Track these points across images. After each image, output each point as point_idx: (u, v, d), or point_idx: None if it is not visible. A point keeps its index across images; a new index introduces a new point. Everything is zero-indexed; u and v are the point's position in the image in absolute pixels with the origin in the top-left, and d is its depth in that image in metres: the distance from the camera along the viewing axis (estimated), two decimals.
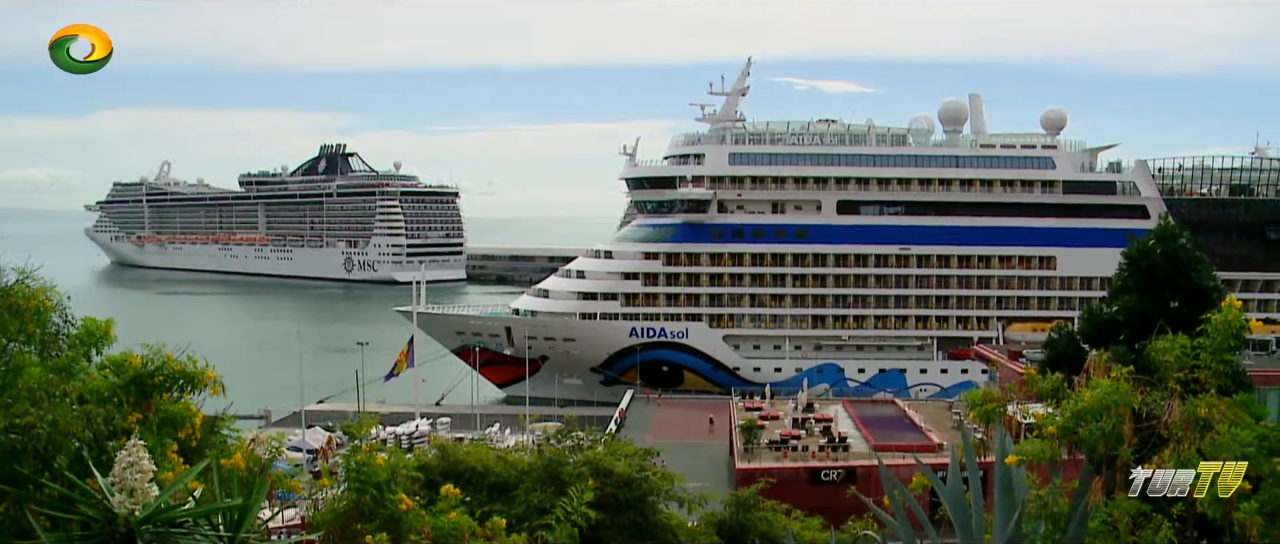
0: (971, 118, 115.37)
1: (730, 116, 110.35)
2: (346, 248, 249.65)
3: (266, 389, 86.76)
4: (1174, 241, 31.56)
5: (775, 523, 18.77)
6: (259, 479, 6.66)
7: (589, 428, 24.00)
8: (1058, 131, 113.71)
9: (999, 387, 11.69)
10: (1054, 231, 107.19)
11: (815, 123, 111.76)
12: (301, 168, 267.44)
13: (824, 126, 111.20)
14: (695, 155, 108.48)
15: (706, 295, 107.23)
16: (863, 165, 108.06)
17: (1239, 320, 10.03)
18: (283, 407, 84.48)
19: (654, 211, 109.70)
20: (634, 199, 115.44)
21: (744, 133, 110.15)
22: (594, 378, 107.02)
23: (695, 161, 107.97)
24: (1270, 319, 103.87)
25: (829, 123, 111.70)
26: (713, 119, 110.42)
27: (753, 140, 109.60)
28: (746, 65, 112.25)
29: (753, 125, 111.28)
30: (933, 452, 57.77)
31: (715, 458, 68.78)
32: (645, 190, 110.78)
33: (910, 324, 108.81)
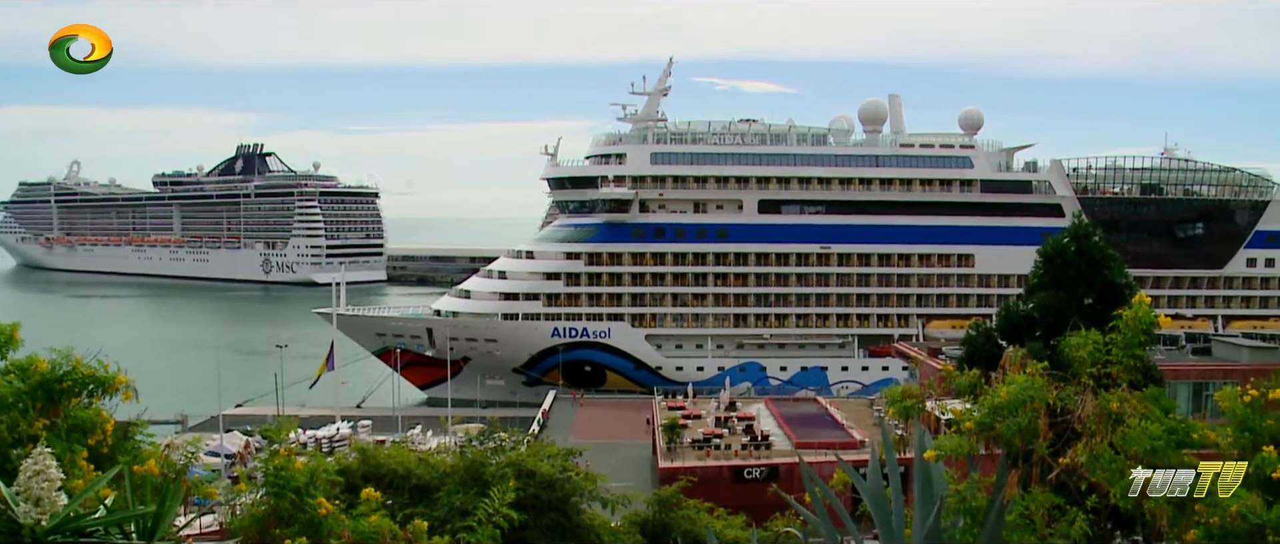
0: (891, 118, 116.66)
1: (652, 116, 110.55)
2: (265, 249, 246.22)
3: (183, 393, 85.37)
4: (1087, 240, 32.02)
5: (698, 522, 18.79)
6: (173, 485, 6.53)
7: (512, 429, 23.93)
8: (975, 131, 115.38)
9: (919, 383, 11.80)
10: (972, 230, 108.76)
11: (736, 122, 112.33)
12: (218, 168, 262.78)
13: (745, 126, 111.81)
14: (617, 155, 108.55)
15: (629, 295, 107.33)
16: (783, 165, 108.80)
17: (1148, 316, 10.21)
18: (200, 411, 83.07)
19: (576, 211, 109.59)
20: (555, 199, 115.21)
21: (665, 133, 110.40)
22: (516, 378, 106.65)
23: (617, 161, 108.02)
24: (1179, 315, 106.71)
25: (750, 122, 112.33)
26: (634, 119, 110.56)
27: (674, 140, 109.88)
28: (668, 65, 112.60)
29: (674, 125, 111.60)
30: (855, 448, 58.20)
31: (638, 457, 68.78)
32: (567, 190, 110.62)
33: (831, 322, 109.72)
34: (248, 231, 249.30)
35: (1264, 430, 9.74)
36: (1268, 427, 9.77)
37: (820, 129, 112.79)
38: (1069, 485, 9.48)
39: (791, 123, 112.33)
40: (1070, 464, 9.21)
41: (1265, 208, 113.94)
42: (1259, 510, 8.36)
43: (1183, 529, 8.94)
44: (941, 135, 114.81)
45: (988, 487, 9.07)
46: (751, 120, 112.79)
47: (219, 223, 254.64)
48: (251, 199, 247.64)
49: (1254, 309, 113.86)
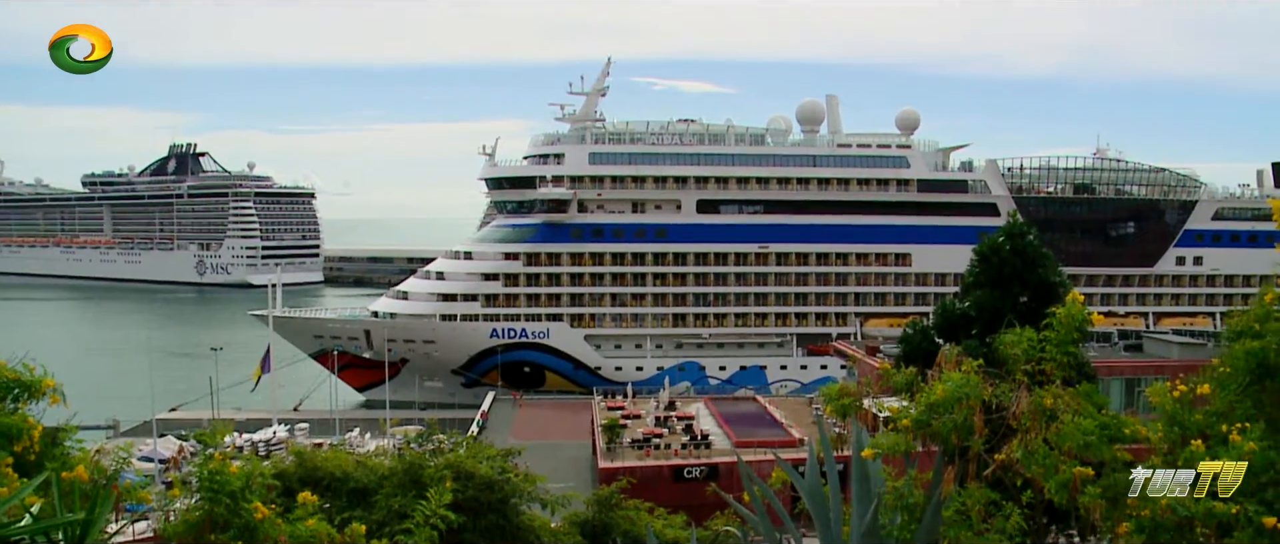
0: (828, 118, 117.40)
1: (590, 116, 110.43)
2: (199, 250, 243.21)
3: (115, 398, 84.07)
4: (1022, 239, 32.40)
5: (638, 521, 18.79)
6: (104, 492, 6.42)
7: (450, 430, 23.77)
8: (912, 132, 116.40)
9: (857, 382, 11.87)
10: (909, 229, 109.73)
11: (674, 122, 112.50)
12: (150, 168, 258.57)
13: (683, 126, 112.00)
14: (555, 155, 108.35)
15: (567, 295, 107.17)
16: (722, 165, 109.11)
17: (1081, 314, 10.34)
18: (132, 416, 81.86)
19: (514, 212, 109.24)
20: (494, 199, 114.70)
21: (604, 133, 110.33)
22: (455, 380, 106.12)
23: (555, 161, 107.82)
24: (1112, 313, 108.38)
25: (688, 122, 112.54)
26: (572, 119, 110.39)
27: (612, 140, 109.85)
28: (606, 65, 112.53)
29: (612, 125, 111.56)
30: (793, 447, 58.52)
31: (578, 458, 68.75)
32: (505, 190, 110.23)
33: (770, 321, 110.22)
34: (181, 233, 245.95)
35: (1192, 425, 9.89)
36: (1196, 421, 9.91)
37: (758, 129, 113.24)
38: (1004, 481, 9.58)
39: (729, 123, 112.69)
40: (1005, 460, 9.30)
41: (1193, 207, 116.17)
42: (1188, 503, 8.48)
43: (1116, 523, 9.05)
44: (878, 135, 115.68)
45: (924, 483, 9.14)
46: (690, 120, 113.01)
47: (151, 224, 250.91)
48: (185, 200, 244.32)
49: (1183, 306, 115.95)
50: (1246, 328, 10.25)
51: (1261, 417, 9.82)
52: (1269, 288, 10.37)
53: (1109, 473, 9.18)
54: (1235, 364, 10.12)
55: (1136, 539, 8.82)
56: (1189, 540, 8.48)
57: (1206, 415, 10.02)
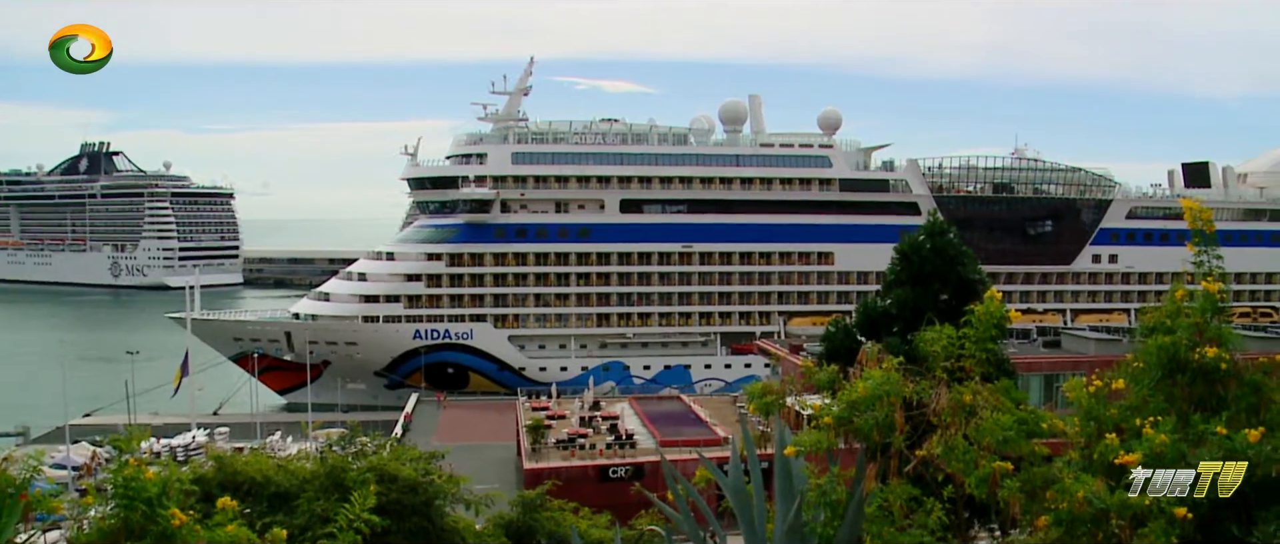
0: (751, 118, 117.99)
1: (512, 116, 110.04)
2: (113, 252, 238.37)
3: (25, 404, 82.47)
4: (942, 237, 32.76)
5: (563, 522, 18.77)
6: (11, 501, 6.27)
7: (374, 433, 23.59)
8: (834, 131, 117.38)
9: (780, 380, 11.94)
10: (831, 228, 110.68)
11: (597, 122, 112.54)
12: (60, 167, 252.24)
13: (606, 126, 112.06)
14: (478, 155, 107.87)
15: (491, 296, 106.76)
16: (645, 164, 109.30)
17: (999, 311, 10.48)
18: (43, 422, 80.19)
19: (437, 212, 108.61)
20: (416, 199, 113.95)
21: (527, 132, 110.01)
22: (378, 382, 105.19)
23: (478, 161, 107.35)
24: (1031, 310, 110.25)
25: (611, 122, 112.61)
26: (495, 118, 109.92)
27: (535, 140, 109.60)
28: (529, 64, 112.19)
29: (535, 125, 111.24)
30: (718, 445, 58.66)
31: (503, 459, 68.57)
32: (427, 190, 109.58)
33: (694, 321, 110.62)
34: (94, 233, 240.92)
35: (1107, 419, 10.06)
36: (1110, 416, 10.08)
37: (681, 129, 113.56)
38: (926, 477, 9.67)
39: (653, 122, 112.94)
40: (926, 456, 9.39)
41: (1108, 206, 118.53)
42: (1103, 496, 8.61)
43: (1034, 516, 9.17)
44: (801, 135, 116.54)
45: (847, 480, 9.20)
46: (613, 120, 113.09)
47: (62, 224, 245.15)
48: (98, 200, 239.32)
49: (1099, 303, 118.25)
50: (1159, 324, 10.45)
51: (1173, 410, 10.01)
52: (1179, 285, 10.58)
53: (1027, 467, 9.31)
54: (1148, 359, 10.32)
55: (1054, 532, 8.94)
56: (1105, 532, 8.61)
57: (1121, 409, 10.20)
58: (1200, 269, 10.55)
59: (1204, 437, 9.36)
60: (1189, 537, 8.79)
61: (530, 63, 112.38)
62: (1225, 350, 10.08)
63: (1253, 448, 9.00)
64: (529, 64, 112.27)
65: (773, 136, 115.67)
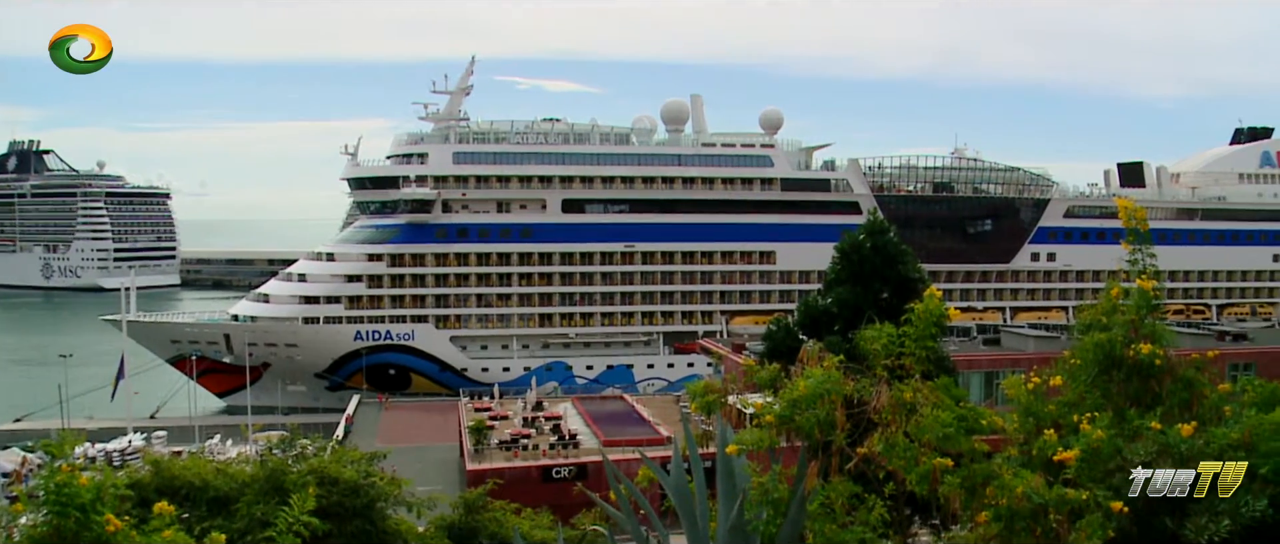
0: (693, 117, 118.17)
1: (454, 115, 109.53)
2: (45, 253, 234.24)
3: None
4: (882, 236, 32.99)
5: (505, 523, 18.73)
6: None
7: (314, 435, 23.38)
8: (775, 131, 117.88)
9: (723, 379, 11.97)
10: (773, 228, 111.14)
11: (539, 122, 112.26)
12: None
13: (548, 126, 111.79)
14: (419, 155, 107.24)
15: (432, 296, 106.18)
16: (587, 164, 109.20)
17: (939, 309, 10.57)
18: None
19: (377, 212, 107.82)
20: (357, 199, 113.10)
21: (468, 132, 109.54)
22: (319, 383, 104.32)
23: (419, 161, 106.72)
24: (971, 308, 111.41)
25: (553, 122, 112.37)
26: (436, 118, 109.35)
27: (477, 140, 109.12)
28: (470, 64, 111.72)
29: (477, 124, 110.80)
30: (661, 445, 58.79)
31: (446, 460, 68.21)
32: (368, 190, 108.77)
33: (636, 320, 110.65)
34: (24, 234, 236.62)
35: (1045, 415, 10.17)
36: (1049, 412, 10.20)
37: (623, 128, 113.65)
38: (867, 474, 9.73)
39: (594, 122, 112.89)
40: (868, 453, 9.44)
41: (1046, 205, 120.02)
42: (1041, 491, 8.70)
43: (974, 511, 9.25)
44: (742, 135, 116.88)
45: (789, 478, 9.24)
46: (554, 120, 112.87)
47: None
48: (27, 199, 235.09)
49: (1038, 301, 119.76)
50: (1095, 321, 10.59)
51: (1109, 406, 10.14)
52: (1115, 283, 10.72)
53: (967, 464, 9.39)
54: (1085, 356, 10.44)
55: (994, 527, 9.02)
56: (1043, 527, 8.70)
57: (1059, 406, 10.32)
58: (1135, 267, 10.70)
59: (1139, 431, 9.49)
60: (1124, 530, 8.91)
61: (471, 62, 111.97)
62: (1159, 347, 10.23)
63: (1185, 442, 9.14)
64: (470, 63, 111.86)
65: (714, 136, 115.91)
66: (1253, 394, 10.73)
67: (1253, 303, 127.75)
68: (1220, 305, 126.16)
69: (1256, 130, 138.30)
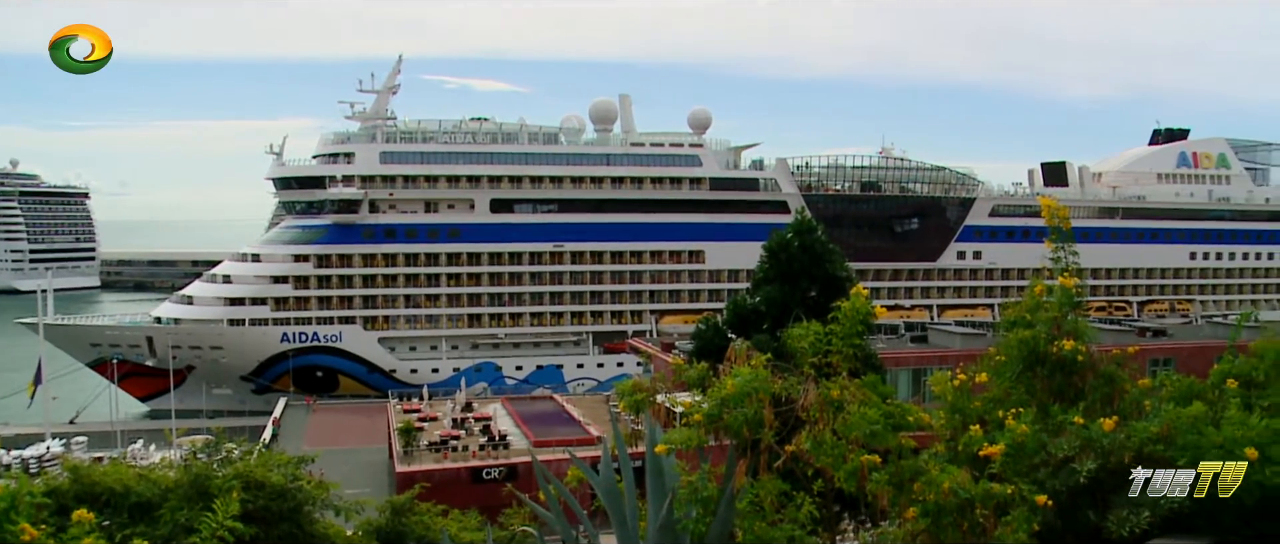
0: (621, 117, 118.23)
1: (381, 115, 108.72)
2: None
3: None
4: (810, 235, 33.27)
5: (433, 525, 18.60)
6: None
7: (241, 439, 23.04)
8: (704, 131, 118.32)
9: (652, 378, 11.97)
10: (702, 227, 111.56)
11: (467, 121, 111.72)
12: None
13: (476, 125, 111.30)
14: (345, 154, 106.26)
15: (360, 297, 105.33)
16: (515, 164, 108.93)
17: (865, 308, 10.65)
18: None
19: (303, 212, 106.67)
20: (282, 200, 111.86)
21: (395, 131, 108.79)
22: (245, 386, 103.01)
23: (345, 161, 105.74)
24: (898, 306, 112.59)
25: (481, 121, 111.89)
26: (363, 117, 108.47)
27: (404, 139, 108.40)
28: (397, 63, 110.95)
29: (404, 124, 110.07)
30: (591, 445, 58.74)
31: (375, 462, 67.74)
32: (294, 190, 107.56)
33: (566, 320, 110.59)
34: None
35: (971, 411, 10.28)
36: (974, 408, 10.32)
37: (552, 128, 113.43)
38: (796, 472, 9.77)
39: (523, 122, 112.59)
40: (796, 451, 9.49)
41: (972, 204, 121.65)
42: (968, 486, 8.79)
43: (902, 507, 9.32)
44: (671, 134, 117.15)
45: (718, 476, 9.26)
46: (482, 119, 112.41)
47: None
48: None
49: (964, 299, 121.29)
50: (1019, 318, 10.72)
51: (1033, 401, 10.28)
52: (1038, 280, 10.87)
53: (895, 460, 9.46)
54: (1009, 353, 10.58)
55: (922, 522, 9.10)
56: (970, 521, 8.79)
57: (984, 402, 10.45)
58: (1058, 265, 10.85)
59: (1062, 426, 9.63)
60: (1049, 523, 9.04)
61: (398, 61, 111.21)
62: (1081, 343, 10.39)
63: (1107, 436, 9.29)
64: (397, 62, 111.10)
65: (643, 136, 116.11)
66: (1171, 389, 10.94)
67: (1171, 300, 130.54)
68: (1141, 302, 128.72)
69: (1174, 131, 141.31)
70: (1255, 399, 10.49)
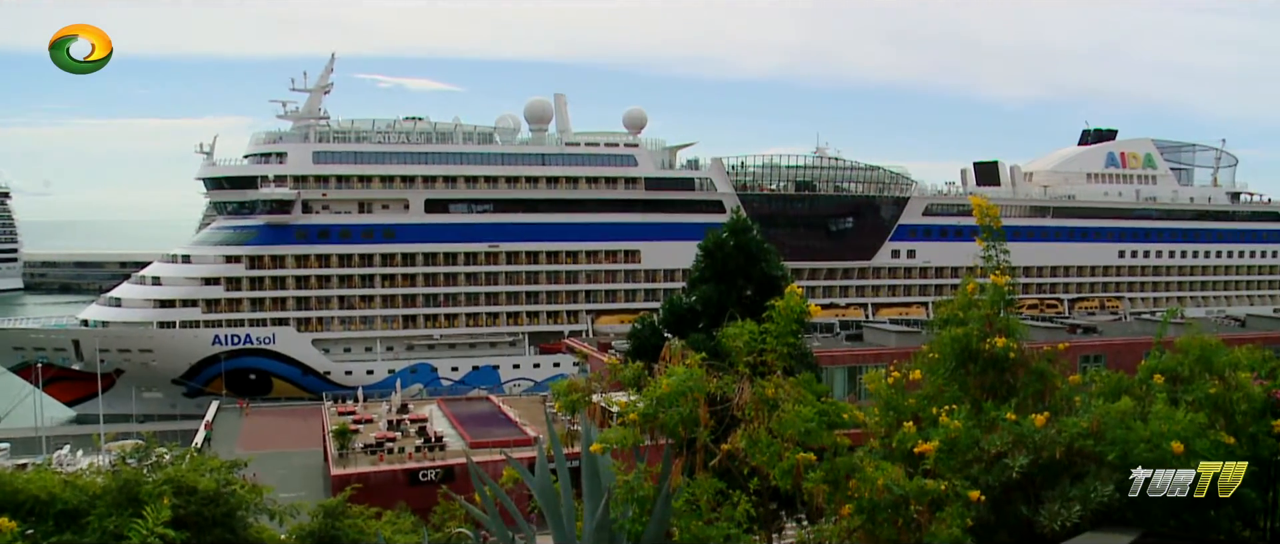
0: (556, 117, 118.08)
1: (313, 114, 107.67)
2: None
3: None
4: (745, 234, 33.38)
5: (367, 528, 18.45)
6: None
7: (172, 443, 22.74)
8: (639, 130, 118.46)
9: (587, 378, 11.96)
10: (638, 226, 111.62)
11: (401, 121, 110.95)
12: None
13: (410, 125, 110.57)
14: (277, 154, 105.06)
15: (293, 299, 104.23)
16: (450, 163, 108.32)
17: (799, 306, 10.71)
18: None
19: (235, 213, 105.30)
20: (213, 200, 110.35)
21: (328, 131, 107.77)
22: (176, 390, 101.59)
23: (277, 160, 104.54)
24: (833, 304, 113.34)
25: (415, 121, 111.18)
26: (295, 116, 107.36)
27: (338, 139, 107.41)
28: (330, 61, 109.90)
29: (337, 123, 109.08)
30: (528, 445, 58.59)
31: (309, 466, 67.13)
32: (225, 191, 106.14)
33: (502, 321, 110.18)
34: None
35: (905, 408, 10.37)
36: (909, 405, 10.40)
37: (486, 128, 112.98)
38: (732, 470, 9.80)
39: (458, 121, 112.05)
40: (731, 450, 9.52)
41: (906, 203, 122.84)
42: (902, 482, 8.86)
43: (838, 505, 9.37)
44: (606, 134, 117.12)
45: (654, 476, 9.26)
46: (417, 119, 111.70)
47: None
48: None
49: (899, 297, 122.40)
50: (952, 316, 10.83)
51: (967, 398, 10.39)
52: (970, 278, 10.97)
53: (830, 458, 9.52)
54: (943, 350, 10.68)
55: (857, 519, 9.16)
56: (904, 517, 8.86)
57: (918, 399, 10.54)
58: (989, 263, 10.96)
59: (995, 423, 9.74)
60: (983, 518, 9.13)
61: (331, 59, 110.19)
62: (1013, 340, 10.51)
63: (1039, 432, 9.41)
64: (330, 61, 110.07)
65: (578, 136, 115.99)
66: (1101, 385, 11.11)
67: (1101, 297, 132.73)
68: (1072, 300, 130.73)
69: (1102, 132, 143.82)
70: (1181, 394, 10.69)
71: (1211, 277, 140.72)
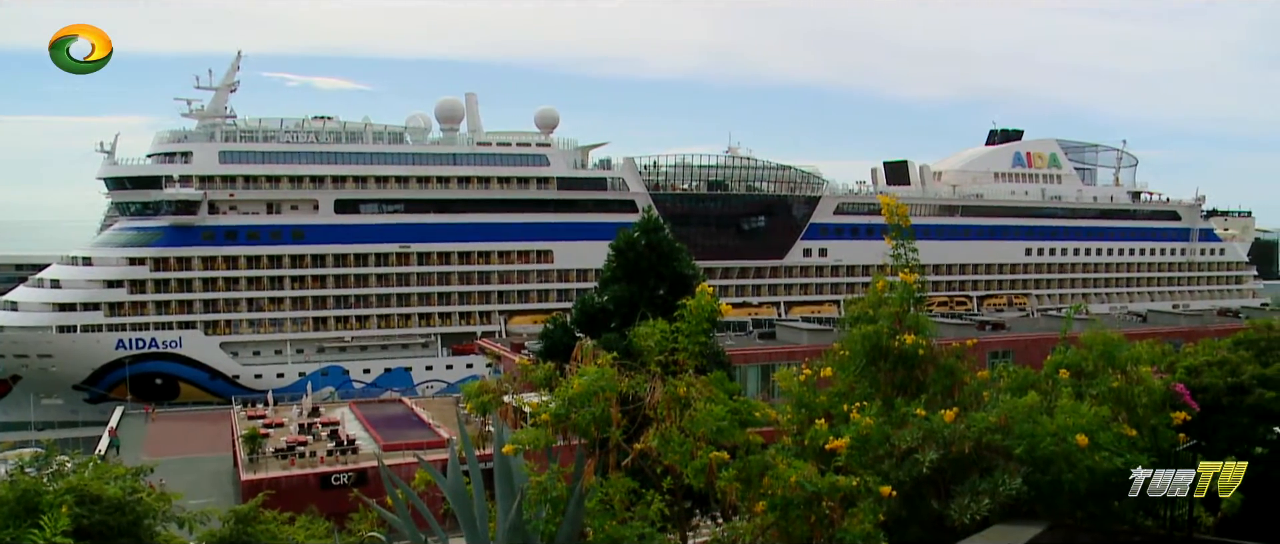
0: (468, 116, 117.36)
1: (219, 113, 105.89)
2: None
3: None
4: (657, 233, 33.46)
5: (280, 534, 18.20)
6: None
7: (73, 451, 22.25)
8: (551, 130, 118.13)
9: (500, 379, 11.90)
10: (550, 226, 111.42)
11: (310, 120, 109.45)
12: None
13: (319, 124, 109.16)
14: (182, 153, 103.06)
15: (200, 301, 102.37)
16: (360, 163, 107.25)
17: (710, 305, 10.74)
18: None
19: (138, 214, 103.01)
20: (115, 200, 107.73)
21: (235, 130, 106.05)
22: (78, 396, 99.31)
23: (182, 160, 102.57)
24: (746, 303, 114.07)
25: (324, 120, 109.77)
26: (200, 115, 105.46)
27: (245, 138, 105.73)
28: (236, 59, 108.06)
29: (244, 122, 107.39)
30: (442, 447, 58.24)
31: (219, 471, 66.16)
32: (128, 191, 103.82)
33: (414, 322, 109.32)
34: None
35: (817, 406, 10.47)
36: (820, 402, 10.49)
37: (397, 127, 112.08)
38: (645, 469, 9.81)
39: (368, 121, 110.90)
40: (644, 449, 9.52)
41: (817, 203, 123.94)
42: (814, 479, 8.93)
43: (752, 502, 9.43)
44: (518, 134, 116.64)
45: (567, 476, 9.24)
46: (326, 118, 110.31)
47: None
48: None
49: (811, 295, 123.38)
50: (862, 314, 10.93)
51: (877, 394, 10.51)
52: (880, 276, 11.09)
53: (743, 456, 9.56)
54: (853, 347, 10.79)
55: (770, 516, 9.22)
56: (817, 513, 8.92)
57: (830, 396, 10.64)
58: (899, 261, 11.09)
59: (906, 418, 9.87)
60: (895, 513, 9.24)
61: (237, 57, 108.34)
62: (923, 337, 10.64)
63: (948, 427, 9.54)
64: (236, 59, 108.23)
65: (490, 135, 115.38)
66: (1008, 380, 11.30)
67: (1009, 294, 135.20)
68: (980, 297, 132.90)
69: (1009, 132, 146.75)
70: (1085, 388, 10.91)
71: (1114, 273, 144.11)
